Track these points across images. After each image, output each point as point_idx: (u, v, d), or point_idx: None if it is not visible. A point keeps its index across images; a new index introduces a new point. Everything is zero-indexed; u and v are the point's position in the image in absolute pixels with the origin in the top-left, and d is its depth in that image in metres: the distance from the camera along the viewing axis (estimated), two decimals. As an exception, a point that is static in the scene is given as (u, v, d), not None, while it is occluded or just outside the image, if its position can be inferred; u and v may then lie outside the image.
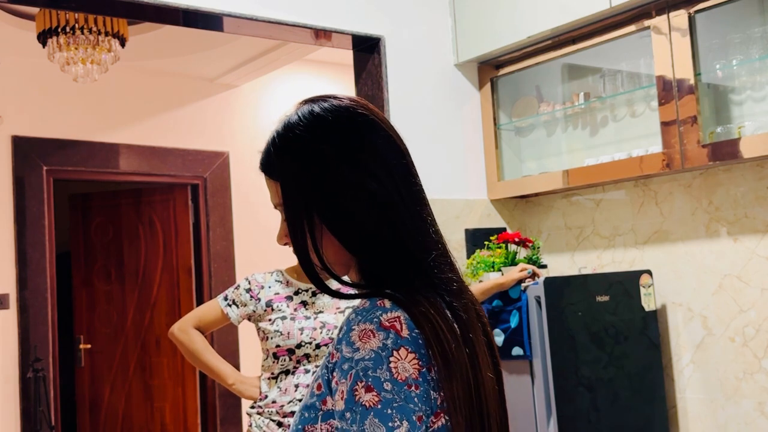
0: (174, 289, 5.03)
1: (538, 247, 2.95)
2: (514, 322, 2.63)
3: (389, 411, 0.87)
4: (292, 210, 1.01)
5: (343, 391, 0.90)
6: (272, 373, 2.34)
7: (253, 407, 2.37)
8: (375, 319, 0.91)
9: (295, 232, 1.01)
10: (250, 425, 2.36)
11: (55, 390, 4.36)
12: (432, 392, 0.91)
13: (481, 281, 2.82)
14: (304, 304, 2.35)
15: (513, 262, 2.88)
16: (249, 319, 2.42)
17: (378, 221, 0.99)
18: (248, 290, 2.39)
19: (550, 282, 2.61)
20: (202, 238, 4.97)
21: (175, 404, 5.00)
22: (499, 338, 2.66)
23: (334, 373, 0.93)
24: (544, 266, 2.90)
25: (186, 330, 2.40)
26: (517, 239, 2.91)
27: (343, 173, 0.99)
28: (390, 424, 0.87)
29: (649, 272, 2.90)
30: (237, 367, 4.90)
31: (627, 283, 2.83)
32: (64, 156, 4.48)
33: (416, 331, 0.91)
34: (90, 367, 5.12)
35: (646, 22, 2.77)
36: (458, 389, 0.92)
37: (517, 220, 3.44)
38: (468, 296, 1.03)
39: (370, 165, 0.99)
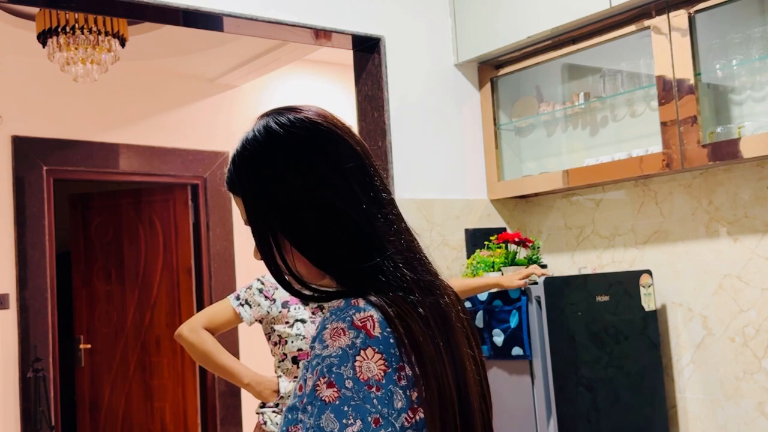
0: (174, 290, 5.03)
1: (538, 247, 2.95)
2: (513, 322, 2.63)
3: (345, 408, 0.88)
4: (257, 227, 1.02)
5: (309, 386, 0.92)
6: (295, 377, 2.29)
7: (266, 406, 2.32)
8: (347, 318, 0.92)
9: (263, 248, 1.02)
10: (264, 423, 2.31)
11: (55, 390, 4.36)
12: (403, 392, 0.91)
13: (481, 281, 2.82)
14: (321, 307, 2.31)
15: (513, 262, 2.87)
16: (261, 321, 2.34)
17: (336, 231, 0.98)
18: (261, 291, 2.32)
19: (550, 282, 2.61)
20: (202, 238, 4.97)
21: (175, 404, 4.99)
22: (498, 338, 2.66)
23: (308, 370, 0.94)
24: (544, 266, 2.90)
25: (196, 330, 2.29)
26: (517, 239, 2.91)
27: (297, 188, 0.99)
28: (344, 421, 0.88)
29: (649, 272, 2.90)
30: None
31: (627, 283, 2.83)
32: (64, 156, 4.48)
33: (388, 329, 0.91)
34: (90, 367, 5.12)
35: (646, 22, 2.77)
36: (432, 386, 0.92)
37: (517, 220, 3.44)
38: (440, 292, 1.01)
39: (324, 175, 0.99)
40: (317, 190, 0.99)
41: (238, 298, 2.34)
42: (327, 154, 1.01)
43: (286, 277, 1.02)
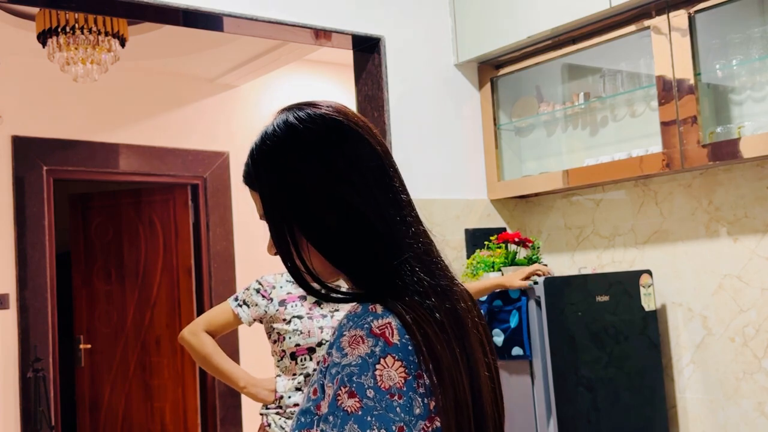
0: (174, 289, 5.03)
1: (538, 247, 2.95)
2: (513, 322, 2.62)
3: (369, 418, 0.88)
4: (273, 222, 1.01)
5: (329, 395, 0.91)
6: (293, 375, 2.31)
7: (269, 407, 2.35)
8: (366, 325, 0.91)
9: (279, 243, 1.01)
10: (268, 425, 2.33)
11: (55, 390, 4.36)
12: (421, 399, 0.91)
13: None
14: (318, 303, 2.34)
15: (513, 262, 2.87)
16: (260, 321, 2.38)
17: (352, 230, 0.98)
18: (258, 291, 2.36)
19: (550, 282, 2.61)
20: (202, 238, 4.97)
21: (175, 404, 4.99)
22: (498, 338, 2.66)
23: (326, 377, 0.93)
24: (544, 265, 2.90)
25: (196, 333, 2.35)
26: (517, 239, 2.91)
27: (314, 182, 0.98)
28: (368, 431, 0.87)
29: (649, 272, 2.90)
30: (237, 367, 4.90)
31: (627, 283, 2.83)
32: (64, 156, 4.48)
33: (407, 337, 0.91)
34: (90, 367, 5.12)
35: (646, 22, 2.77)
36: (449, 395, 0.91)
37: (517, 220, 3.44)
38: (457, 297, 1.01)
39: (342, 172, 0.99)
40: (334, 185, 0.98)
41: (236, 299, 2.38)
42: (344, 151, 1.00)
43: (302, 273, 1.01)
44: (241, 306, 2.35)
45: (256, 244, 4.96)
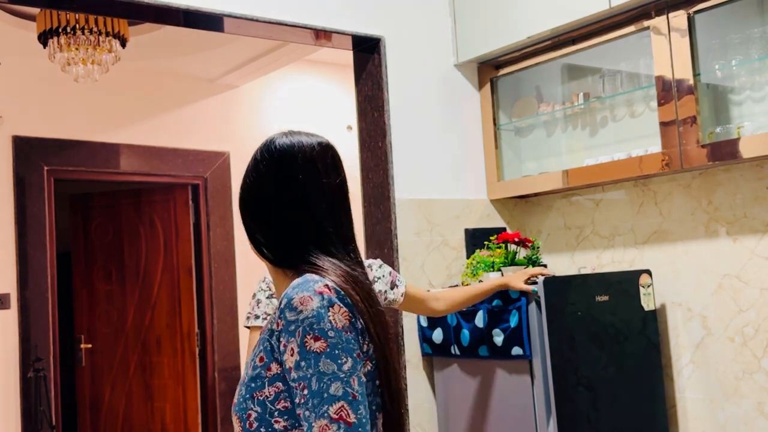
0: (174, 289, 5.04)
1: (538, 247, 2.95)
2: (513, 321, 2.63)
3: (337, 352, 1.13)
4: (244, 224, 1.35)
5: (293, 348, 1.14)
6: None
7: None
8: (310, 288, 1.17)
9: (249, 237, 1.36)
10: None
11: (55, 389, 4.36)
12: (360, 339, 1.19)
13: (480, 281, 2.82)
14: None
15: (513, 262, 2.88)
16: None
17: (292, 235, 1.29)
18: (270, 296, 2.26)
19: (550, 282, 2.61)
20: (203, 238, 4.97)
21: (175, 404, 5.00)
22: (498, 338, 2.66)
23: (281, 338, 1.16)
24: (544, 266, 2.90)
25: None
26: (516, 239, 2.91)
27: (265, 196, 1.31)
28: (339, 362, 1.13)
29: (648, 272, 2.90)
30: (237, 369, 4.91)
31: (626, 283, 2.83)
32: (65, 156, 4.49)
33: (342, 294, 1.19)
34: (90, 366, 5.12)
35: (646, 23, 2.77)
36: (376, 336, 1.21)
37: (517, 220, 3.45)
38: (364, 275, 1.31)
39: (287, 188, 1.29)
40: (280, 206, 1.29)
41: (248, 319, 2.27)
42: (285, 176, 1.29)
43: (261, 248, 1.33)
44: (256, 319, 2.24)
45: (257, 244, 4.95)
